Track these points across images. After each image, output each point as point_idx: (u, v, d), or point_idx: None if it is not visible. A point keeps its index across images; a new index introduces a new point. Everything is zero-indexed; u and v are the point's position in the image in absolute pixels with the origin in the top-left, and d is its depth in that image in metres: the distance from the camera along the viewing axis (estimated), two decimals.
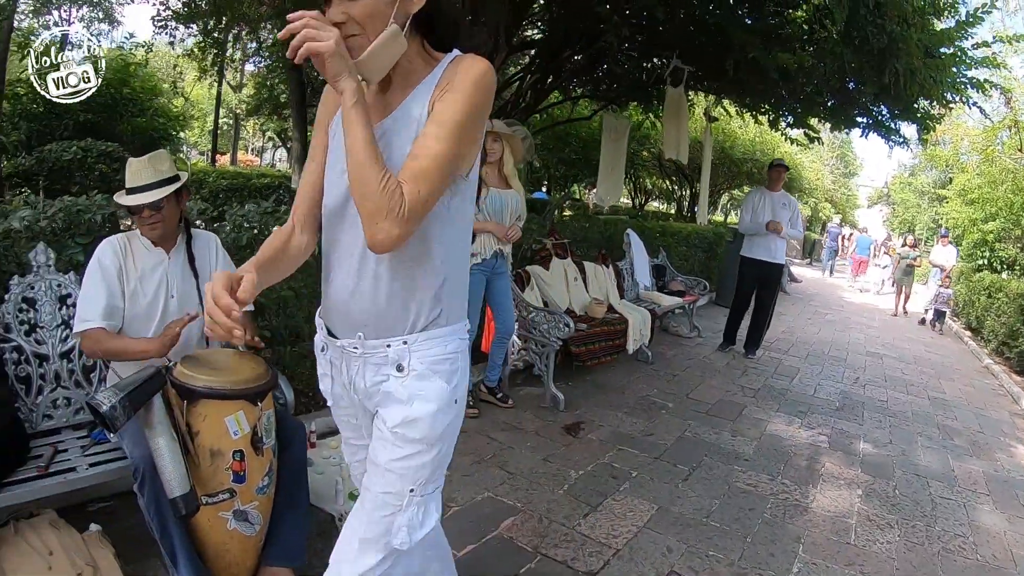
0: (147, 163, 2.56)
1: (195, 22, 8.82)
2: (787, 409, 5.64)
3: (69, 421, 2.82)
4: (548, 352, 4.84)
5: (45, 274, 2.84)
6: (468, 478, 3.51)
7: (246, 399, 2.22)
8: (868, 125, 7.04)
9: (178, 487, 2.06)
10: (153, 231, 2.55)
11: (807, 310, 12.62)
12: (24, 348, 2.73)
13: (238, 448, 2.20)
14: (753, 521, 3.48)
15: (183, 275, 2.64)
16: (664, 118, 7.09)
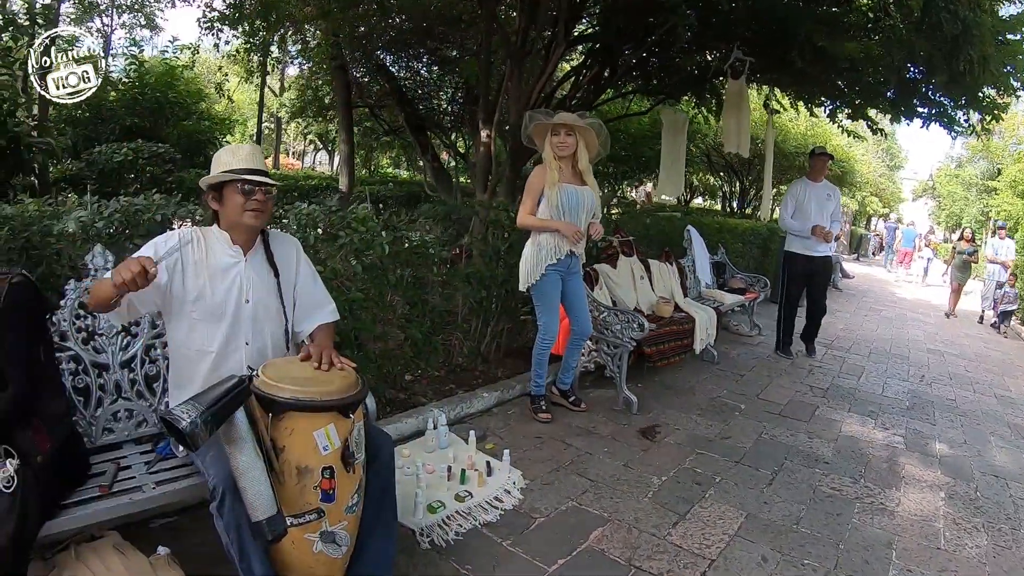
0: (256, 151, 2.50)
1: (241, 24, 8.90)
2: (858, 409, 5.57)
3: (131, 435, 2.67)
4: (621, 353, 4.82)
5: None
6: (549, 487, 3.50)
7: (338, 411, 2.07)
8: (929, 115, 6.89)
9: (264, 509, 1.92)
10: (260, 217, 2.40)
11: (862, 306, 12.44)
12: (82, 357, 2.58)
13: (328, 465, 2.05)
14: (843, 527, 3.44)
15: (260, 278, 2.48)
16: (724, 111, 7.01)
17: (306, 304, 2.64)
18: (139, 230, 3.11)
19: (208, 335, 2.38)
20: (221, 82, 12.69)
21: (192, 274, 2.36)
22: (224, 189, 2.39)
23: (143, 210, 3.17)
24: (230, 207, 2.39)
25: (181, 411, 1.82)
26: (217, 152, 2.48)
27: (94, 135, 10.99)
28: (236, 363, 2.39)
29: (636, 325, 4.71)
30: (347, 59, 10.51)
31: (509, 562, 2.76)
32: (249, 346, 2.43)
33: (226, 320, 2.39)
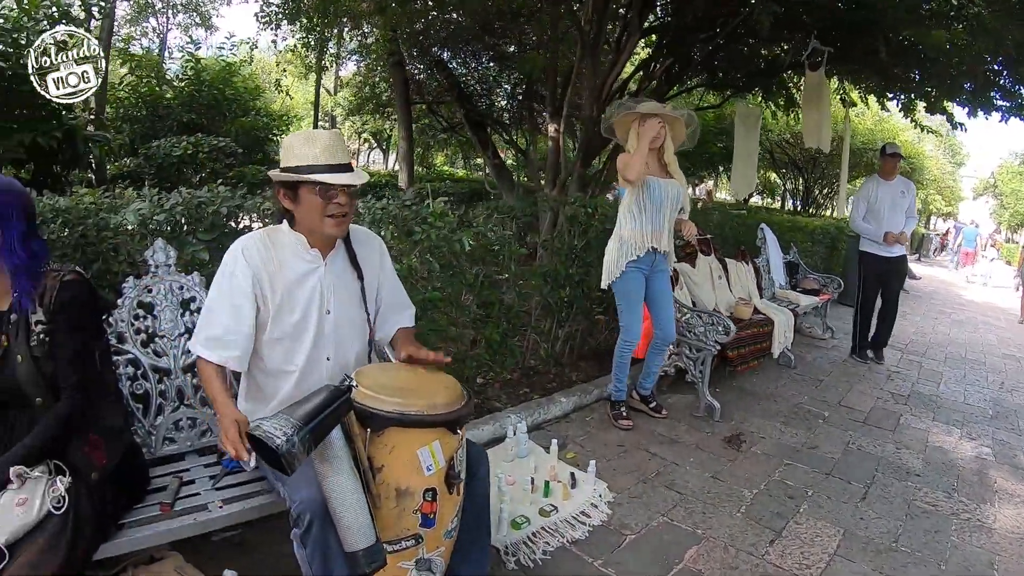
0: (338, 138, 2.14)
1: (299, 19, 8.96)
2: (942, 418, 5.40)
3: (194, 445, 2.48)
4: (704, 357, 4.72)
5: (165, 275, 2.49)
6: (638, 500, 3.42)
7: (445, 427, 1.89)
8: (1010, 109, 6.63)
9: (362, 538, 1.73)
10: (342, 225, 2.12)
11: (931, 309, 12.07)
12: (141, 361, 2.40)
13: (430, 486, 1.86)
14: (942, 545, 3.33)
15: (341, 283, 2.23)
16: (803, 104, 6.83)
17: (388, 307, 2.42)
18: (202, 224, 2.92)
19: (289, 354, 2.17)
20: (279, 78, 12.77)
21: (269, 291, 2.11)
22: (300, 188, 2.08)
23: (207, 203, 2.96)
24: (307, 210, 2.09)
25: (273, 427, 1.61)
26: (288, 139, 2.14)
27: (151, 132, 10.98)
28: (317, 381, 2.15)
29: (721, 328, 4.61)
30: (404, 55, 10.53)
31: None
32: (331, 361, 2.21)
33: (308, 336, 2.16)
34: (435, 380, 2.07)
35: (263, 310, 2.11)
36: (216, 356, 2.05)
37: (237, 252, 2.10)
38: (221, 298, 2.08)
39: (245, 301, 2.07)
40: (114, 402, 2.15)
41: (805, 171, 15.81)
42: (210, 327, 2.07)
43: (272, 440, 1.58)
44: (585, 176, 6.88)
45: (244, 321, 2.07)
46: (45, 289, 1.92)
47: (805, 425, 4.81)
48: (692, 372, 4.81)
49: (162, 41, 25.24)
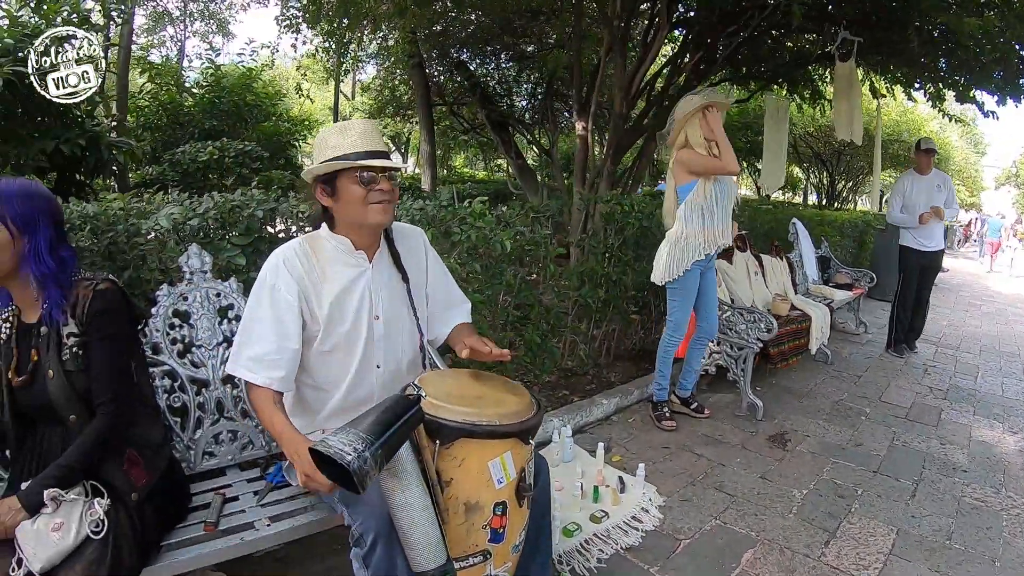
0: (372, 126, 2.05)
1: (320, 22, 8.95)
2: (983, 412, 5.35)
3: (236, 459, 2.37)
4: (746, 355, 4.70)
5: (200, 282, 2.38)
6: (688, 504, 3.40)
7: (518, 437, 1.80)
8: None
9: (433, 557, 1.64)
10: (388, 210, 2.00)
11: (960, 301, 11.92)
12: (178, 372, 2.29)
13: (500, 500, 1.78)
14: (995, 542, 3.31)
15: (389, 286, 2.12)
16: (835, 96, 6.75)
17: (440, 304, 2.32)
18: (237, 228, 2.82)
19: (339, 366, 2.07)
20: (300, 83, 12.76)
21: (316, 304, 2.00)
22: (338, 180, 1.97)
23: (241, 206, 2.85)
24: (349, 202, 1.97)
25: (341, 443, 1.49)
26: (321, 134, 2.05)
27: (172, 140, 10.89)
28: (367, 392, 2.11)
29: (764, 325, 4.59)
30: (424, 57, 10.52)
31: None
32: (380, 369, 2.11)
33: (359, 346, 2.06)
34: (503, 387, 1.99)
35: (310, 324, 2.00)
36: (261, 378, 1.93)
37: (278, 264, 1.98)
38: (263, 314, 1.96)
39: (290, 316, 1.96)
40: (152, 416, 2.05)
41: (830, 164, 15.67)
42: (252, 345, 1.95)
43: (342, 457, 1.45)
44: (615, 174, 6.85)
45: (290, 338, 1.96)
46: (77, 299, 1.83)
47: (848, 422, 4.79)
48: (733, 371, 4.80)
49: (180, 49, 25.36)
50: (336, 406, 2.10)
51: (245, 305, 2.23)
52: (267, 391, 1.94)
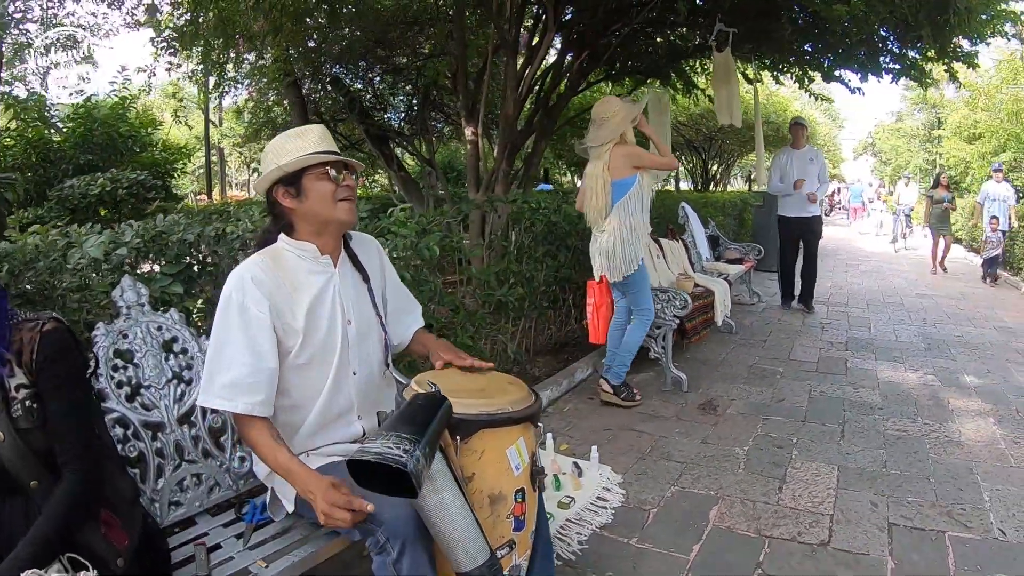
0: (327, 132, 1.99)
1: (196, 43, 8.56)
2: (883, 357, 5.79)
3: (204, 504, 2.15)
4: (665, 332, 4.84)
5: (139, 316, 2.15)
6: (645, 476, 3.47)
7: (530, 421, 1.80)
8: (898, 71, 7.09)
9: (478, 554, 1.58)
10: (354, 210, 1.95)
11: (839, 264, 12.81)
12: (129, 419, 2.03)
13: (520, 487, 1.76)
14: (924, 463, 3.60)
15: (355, 289, 2.05)
16: (714, 85, 7.08)
17: (397, 310, 2.24)
18: (168, 254, 2.63)
19: (316, 378, 1.95)
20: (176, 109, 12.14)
21: (291, 317, 1.88)
22: (304, 179, 1.89)
23: (166, 231, 2.65)
24: (316, 200, 1.90)
25: (386, 447, 1.41)
26: (274, 141, 1.96)
27: (44, 179, 10.13)
28: (345, 401, 2.01)
29: (679, 302, 4.76)
30: (299, 75, 10.25)
31: (646, 559, 2.69)
32: (357, 376, 2.01)
33: (335, 353, 1.96)
34: (496, 378, 1.98)
35: (285, 340, 1.87)
36: (241, 405, 1.78)
37: (243, 281, 1.83)
38: (233, 336, 1.81)
39: (264, 335, 1.82)
40: (118, 468, 1.80)
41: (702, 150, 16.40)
42: (225, 372, 1.79)
43: (396, 460, 1.37)
44: (510, 175, 6.92)
45: (266, 358, 1.82)
46: (22, 345, 1.57)
47: (766, 382, 5.04)
48: (654, 348, 4.92)
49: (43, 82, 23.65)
50: (316, 422, 1.97)
51: (190, 337, 2.17)
52: (260, 422, 1.80)
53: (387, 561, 1.67)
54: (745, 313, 7.60)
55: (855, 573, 2.58)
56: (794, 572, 2.59)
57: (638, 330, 4.49)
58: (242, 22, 6.88)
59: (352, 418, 2.02)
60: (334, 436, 2.00)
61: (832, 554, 2.72)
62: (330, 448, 1.98)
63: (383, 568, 1.68)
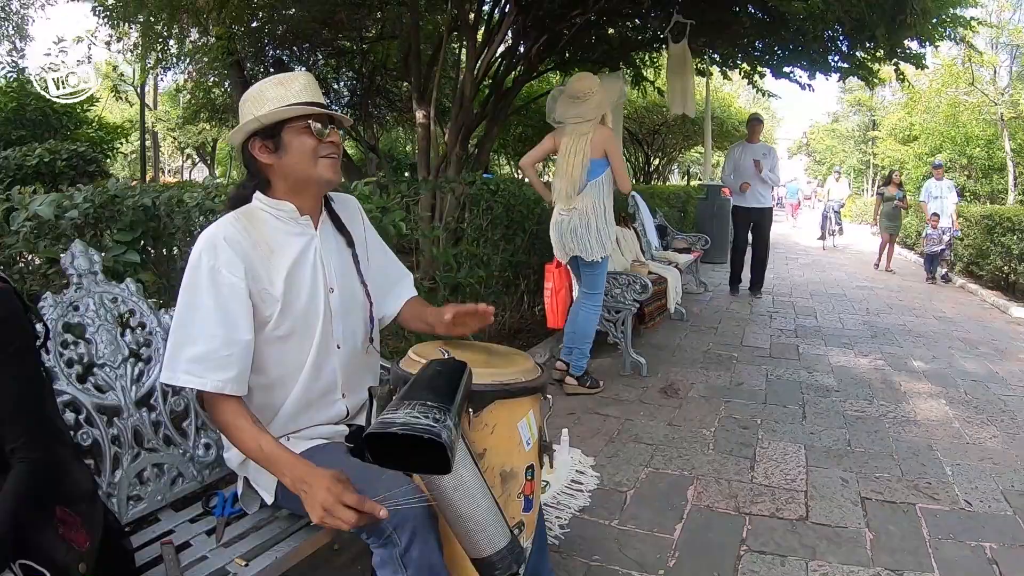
0: (313, 81, 1.78)
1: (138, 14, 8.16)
2: (833, 343, 5.92)
3: (166, 498, 1.88)
4: (624, 317, 4.83)
5: (91, 286, 1.87)
6: (617, 459, 3.42)
7: (540, 392, 1.68)
8: (845, 70, 7.25)
9: (500, 536, 1.43)
10: (336, 168, 1.75)
11: (779, 256, 13.04)
12: (81, 402, 1.75)
13: (530, 463, 1.64)
14: (885, 441, 3.69)
15: (338, 254, 1.84)
16: (668, 75, 7.11)
17: (385, 276, 2.03)
18: (122, 221, 2.40)
19: (297, 352, 1.74)
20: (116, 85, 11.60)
21: (268, 282, 1.68)
22: (284, 132, 1.68)
23: (120, 196, 2.43)
24: (296, 156, 1.69)
25: (415, 417, 1.23)
26: (255, 88, 1.74)
27: None
28: (329, 377, 1.80)
29: (639, 286, 4.74)
30: (242, 55, 9.88)
31: (631, 540, 2.64)
32: (341, 350, 1.81)
33: (317, 323, 1.75)
34: (499, 349, 1.86)
35: (262, 307, 1.66)
36: (212, 382, 1.56)
37: (215, 241, 1.63)
38: (202, 302, 1.60)
39: (238, 303, 1.61)
40: (74, 457, 1.46)
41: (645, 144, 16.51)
42: (192, 344, 1.58)
43: (429, 430, 1.20)
44: (463, 158, 6.81)
45: (240, 328, 1.61)
46: None
47: (723, 367, 5.08)
48: (613, 333, 4.90)
49: None
50: (297, 403, 1.76)
51: (148, 310, 1.95)
52: (234, 403, 1.58)
53: (394, 554, 1.48)
54: (694, 302, 7.67)
55: (837, 545, 2.59)
56: (778, 547, 2.58)
57: (590, 315, 4.39)
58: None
59: (335, 396, 1.82)
60: (317, 417, 1.80)
61: (812, 528, 2.73)
62: (313, 430, 1.79)
63: (388, 562, 1.50)
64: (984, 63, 15.57)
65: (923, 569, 2.45)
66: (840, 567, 2.45)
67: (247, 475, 1.80)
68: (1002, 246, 9.05)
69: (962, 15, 6.09)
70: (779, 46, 6.99)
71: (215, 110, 12.65)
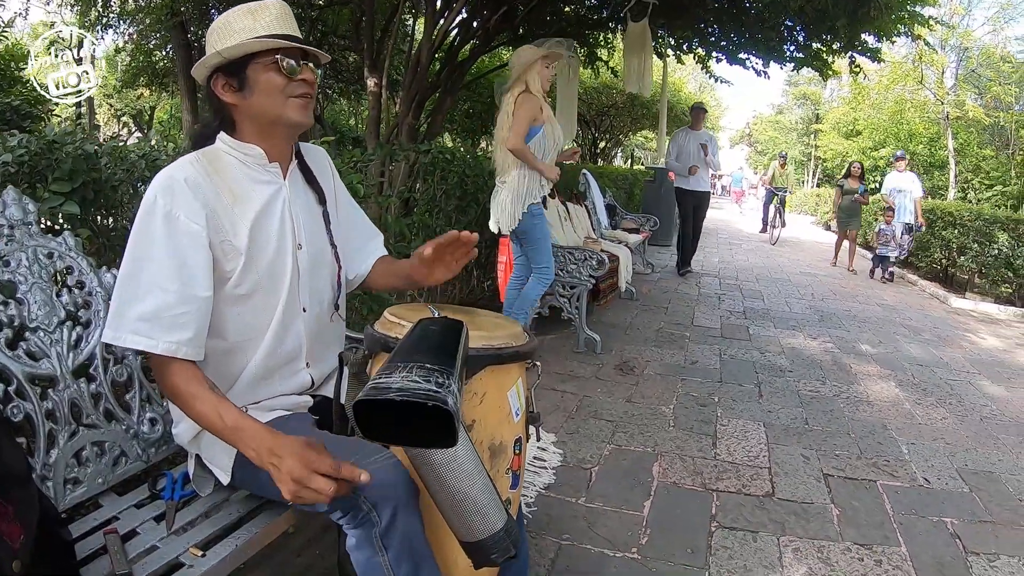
0: (288, 11, 1.55)
1: None
2: (782, 325, 5.98)
3: (108, 481, 1.63)
4: (579, 293, 4.72)
5: (25, 239, 1.63)
6: (577, 435, 3.33)
7: (530, 359, 1.55)
8: (800, 60, 7.30)
9: (497, 516, 1.29)
10: (308, 110, 1.54)
11: (723, 242, 13.26)
12: (11, 371, 1.49)
13: (518, 435, 1.51)
14: (841, 420, 3.72)
15: (307, 208, 1.65)
16: (625, 54, 7.03)
17: (357, 234, 1.86)
18: (60, 169, 2.18)
19: (260, 312, 1.54)
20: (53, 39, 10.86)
21: (231, 233, 1.47)
22: (249, 69, 1.48)
23: (60, 141, 2.22)
24: (263, 96, 1.49)
25: (414, 382, 1.06)
26: (222, 17, 1.52)
27: None
28: (293, 343, 1.60)
29: (595, 262, 4.65)
30: (185, 16, 9.38)
31: (600, 518, 2.55)
32: (307, 313, 1.61)
33: (284, 282, 1.55)
34: (483, 312, 1.74)
35: (222, 261, 1.46)
36: (163, 343, 1.34)
37: (173, 184, 1.41)
38: (156, 252, 1.37)
39: (198, 254, 1.40)
40: (7, 434, 1.25)
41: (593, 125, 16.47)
42: (142, 300, 1.36)
43: (434, 396, 1.03)
44: (415, 127, 6.61)
45: (198, 283, 1.39)
46: None
47: (676, 345, 5.05)
48: (568, 310, 4.78)
49: None
50: (258, 370, 1.56)
51: (88, 268, 1.71)
52: (189, 368, 1.37)
53: (372, 534, 1.33)
54: (642, 282, 7.65)
55: (805, 520, 2.58)
56: (748, 522, 2.54)
57: (536, 286, 4.27)
58: None
59: (299, 365, 1.62)
60: (279, 387, 1.60)
61: (780, 504, 2.70)
62: (274, 401, 1.60)
63: (365, 544, 1.35)
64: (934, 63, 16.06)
65: (890, 543, 2.45)
66: (811, 542, 2.43)
67: (199, 452, 1.59)
68: (943, 239, 9.34)
69: (920, 13, 6.15)
70: (735, 33, 6.97)
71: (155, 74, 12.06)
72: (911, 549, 2.42)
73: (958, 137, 16.41)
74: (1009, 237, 8.25)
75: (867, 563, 2.32)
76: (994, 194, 14.66)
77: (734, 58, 7.59)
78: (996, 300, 8.26)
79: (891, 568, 2.30)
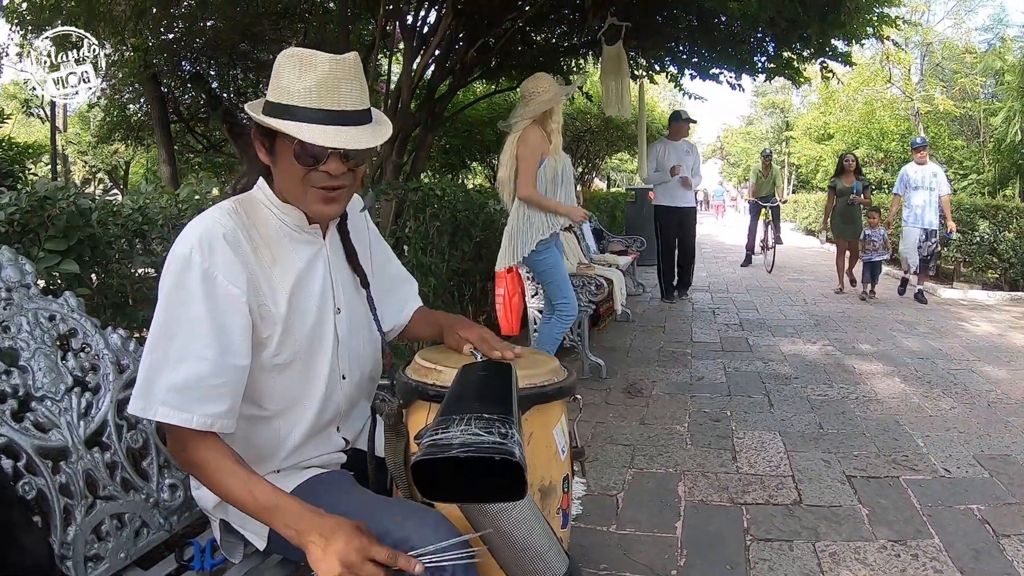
0: (343, 69, 1.29)
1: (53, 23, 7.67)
2: (780, 334, 6.03)
3: (131, 554, 1.51)
4: (581, 319, 4.69)
5: (24, 302, 1.53)
6: (597, 462, 3.30)
7: (572, 394, 1.49)
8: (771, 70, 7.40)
9: (559, 561, 1.22)
10: (335, 202, 1.36)
11: (707, 256, 13.35)
12: (19, 445, 1.37)
13: (565, 473, 1.46)
14: (854, 421, 3.76)
15: (342, 268, 1.51)
16: (602, 77, 7.11)
17: (392, 281, 1.72)
18: (55, 226, 2.05)
19: (300, 383, 1.42)
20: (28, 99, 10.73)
21: (270, 298, 1.34)
22: (277, 141, 1.32)
23: (52, 197, 2.08)
24: (285, 175, 1.34)
25: (476, 434, 1.02)
26: (280, 58, 1.31)
27: None
28: (333, 412, 1.50)
29: (594, 287, 4.68)
30: (159, 68, 9.35)
31: (634, 544, 2.53)
32: (346, 380, 1.50)
33: (326, 350, 1.44)
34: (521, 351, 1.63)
35: (260, 328, 1.33)
36: (199, 417, 1.22)
37: (211, 239, 1.27)
38: (192, 315, 1.24)
39: (237, 318, 1.27)
40: (25, 519, 1.17)
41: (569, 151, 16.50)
42: (175, 366, 1.23)
43: (500, 449, 0.99)
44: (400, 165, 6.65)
45: (237, 351, 1.27)
46: None
47: (680, 363, 5.07)
48: (571, 337, 4.76)
49: None
50: (299, 440, 1.44)
51: (92, 328, 1.61)
52: (216, 441, 1.25)
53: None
54: (635, 303, 7.68)
55: (836, 524, 2.59)
56: (781, 532, 2.54)
57: (556, 324, 4.17)
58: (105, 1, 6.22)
59: (332, 429, 1.52)
60: (315, 452, 1.49)
61: (809, 510, 2.72)
62: (308, 461, 1.49)
63: None
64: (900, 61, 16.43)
65: (923, 536, 2.48)
66: (846, 544, 2.44)
67: (224, 517, 1.45)
68: None
69: (888, 14, 6.28)
70: (707, 49, 7.07)
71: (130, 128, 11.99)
72: (944, 540, 2.44)
73: (929, 131, 16.76)
74: (990, 223, 8.37)
75: (904, 559, 2.34)
76: (970, 183, 14.92)
77: (706, 74, 7.68)
78: (984, 286, 8.39)
79: (928, 560, 2.32)
